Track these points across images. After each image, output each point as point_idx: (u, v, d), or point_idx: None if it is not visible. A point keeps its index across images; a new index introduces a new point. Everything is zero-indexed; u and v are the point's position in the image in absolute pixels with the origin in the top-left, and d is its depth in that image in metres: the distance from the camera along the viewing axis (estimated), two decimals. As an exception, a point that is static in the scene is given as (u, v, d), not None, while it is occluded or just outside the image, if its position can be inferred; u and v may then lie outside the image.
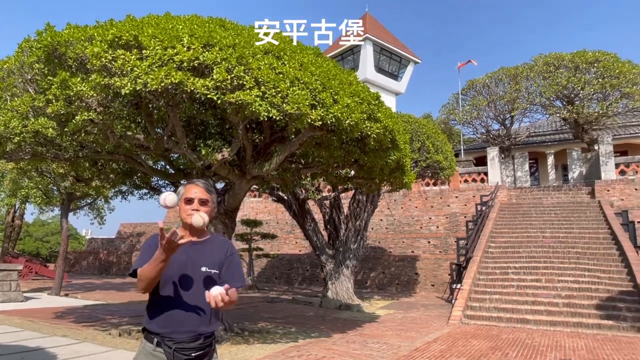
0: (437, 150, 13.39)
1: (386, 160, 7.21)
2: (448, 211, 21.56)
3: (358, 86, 6.35)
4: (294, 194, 14.10)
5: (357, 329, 9.05)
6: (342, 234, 14.19)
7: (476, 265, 12.75)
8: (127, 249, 31.53)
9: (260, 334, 8.13)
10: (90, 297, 14.52)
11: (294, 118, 5.38)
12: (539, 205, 18.54)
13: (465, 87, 27.99)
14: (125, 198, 13.44)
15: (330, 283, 13.80)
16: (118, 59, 5.00)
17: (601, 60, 21.89)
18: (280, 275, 22.96)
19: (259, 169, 7.38)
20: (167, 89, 5.11)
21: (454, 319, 10.29)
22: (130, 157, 8.17)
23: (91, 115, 5.49)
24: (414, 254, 19.99)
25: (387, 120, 6.51)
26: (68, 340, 6.96)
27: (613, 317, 9.56)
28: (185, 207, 2.18)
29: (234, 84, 5.03)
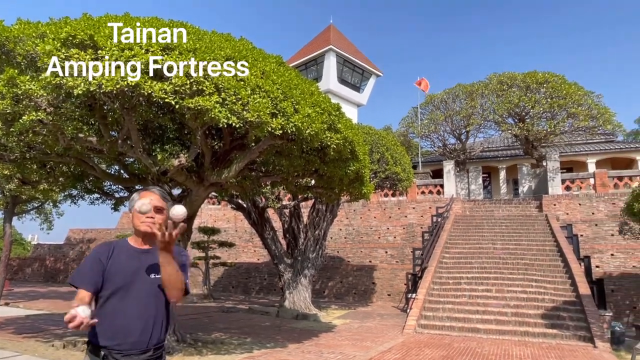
0: (395, 162, 13.67)
1: (345, 171, 7.28)
2: (405, 222, 22.00)
3: (319, 96, 6.41)
4: (254, 202, 13.97)
5: (313, 339, 9.02)
6: (301, 243, 14.17)
7: (431, 275, 13.05)
8: (76, 255, 30.08)
9: (214, 344, 7.95)
10: (34, 306, 13.73)
11: (255, 126, 5.35)
12: (490, 217, 19.26)
13: (424, 102, 28.86)
14: (75, 202, 12.77)
15: (287, 292, 13.71)
16: (72, 58, 4.81)
17: (550, 81, 23.18)
18: (238, 284, 22.60)
19: (217, 176, 7.27)
20: (123, 91, 4.97)
21: (409, 329, 10.46)
22: (82, 160, 7.84)
23: (40, 115, 5.24)
24: (372, 264, 20.22)
25: (347, 131, 6.60)
26: (6, 353, 6.55)
27: (557, 326, 10.02)
28: (139, 214, 2.12)
29: (193, 89, 4.95)
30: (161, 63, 4.81)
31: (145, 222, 2.13)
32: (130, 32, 4.99)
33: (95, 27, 5.04)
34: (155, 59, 4.82)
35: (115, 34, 4.92)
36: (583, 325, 9.89)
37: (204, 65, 4.94)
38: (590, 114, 22.53)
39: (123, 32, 4.95)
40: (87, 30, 4.92)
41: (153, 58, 4.82)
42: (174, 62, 4.82)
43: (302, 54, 32.27)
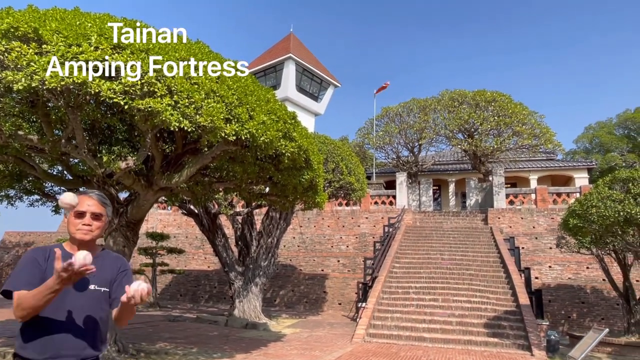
0: (350, 172, 13.85)
1: (300, 179, 7.29)
2: (358, 231, 22.26)
3: (275, 104, 6.39)
4: (206, 208, 13.68)
5: (262, 349, 8.90)
6: (253, 251, 14.01)
7: (381, 284, 13.26)
8: (11, 260, 28.17)
9: (157, 355, 7.66)
10: (-41, 314, 12.69)
11: (208, 131, 5.26)
12: (439, 229, 19.87)
13: (380, 114, 29.48)
14: (12, 204, 12.00)
15: (237, 301, 13.48)
16: (12, 51, 4.54)
17: (498, 100, 24.39)
18: (186, 292, 21.97)
19: (167, 181, 7.06)
20: (68, 89, 4.74)
21: (357, 337, 10.55)
22: (21, 159, 7.38)
23: (-26, 109, 4.90)
24: (324, 273, 20.28)
25: (302, 140, 6.61)
26: None
27: (498, 335, 10.44)
28: (75, 220, 2.02)
29: (144, 90, 4.80)
30: (111, 61, 4.63)
31: (81, 229, 2.02)
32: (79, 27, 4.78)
33: (41, 20, 4.80)
34: (105, 57, 4.64)
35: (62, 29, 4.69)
36: (522, 334, 10.36)
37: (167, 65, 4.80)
38: (533, 132, 23.88)
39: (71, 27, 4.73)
40: (31, 23, 4.67)
41: (102, 56, 4.63)
42: (125, 61, 4.66)
43: (261, 61, 32.17)
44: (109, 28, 4.96)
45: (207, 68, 5.44)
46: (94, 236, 2.04)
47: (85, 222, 2.01)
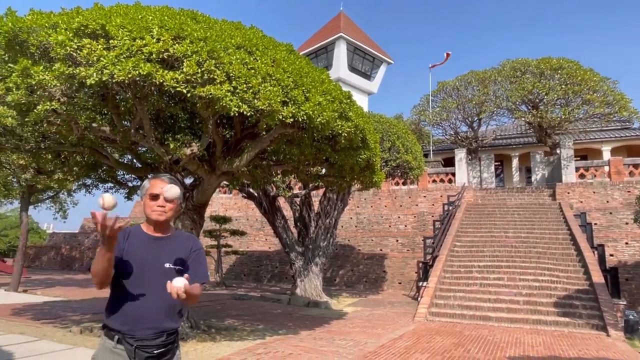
0: (406, 151, 13.60)
1: (356, 159, 7.27)
2: (416, 210, 21.94)
3: (330, 84, 6.37)
4: (265, 191, 14.03)
5: (325, 326, 9.10)
6: (312, 232, 14.23)
7: (442, 263, 13.05)
8: (90, 244, 30.59)
9: (227, 331, 8.06)
10: (51, 293, 14.03)
11: (265, 114, 5.36)
12: (503, 206, 19.11)
13: (436, 89, 28.54)
14: (89, 192, 12.99)
15: (299, 280, 13.81)
16: (84, 48, 4.84)
17: (565, 67, 22.75)
18: (249, 272, 22.82)
19: (229, 165, 7.31)
20: (135, 81, 4.99)
21: (420, 316, 10.50)
22: (96, 150, 7.94)
23: (54, 105, 5.30)
24: (382, 252, 20.25)
25: (358, 119, 6.57)
26: (25, 338, 6.72)
27: (569, 315, 9.97)
28: (150, 203, 2.14)
29: (204, 78, 4.96)
30: (172, 52, 4.82)
31: (156, 210, 2.14)
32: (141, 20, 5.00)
33: (107, 16, 5.06)
34: (167, 48, 4.82)
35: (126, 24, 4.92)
36: (596, 313, 9.83)
37: (215, 53, 4.93)
38: (605, 100, 22.10)
39: (134, 21, 4.96)
40: (98, 20, 4.94)
41: (164, 47, 4.83)
42: (186, 50, 4.83)
43: (312, 42, 32.07)
44: (169, 19, 5.15)
45: (262, 52, 5.51)
46: (168, 217, 2.16)
47: (159, 203, 2.13)
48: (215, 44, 5.07)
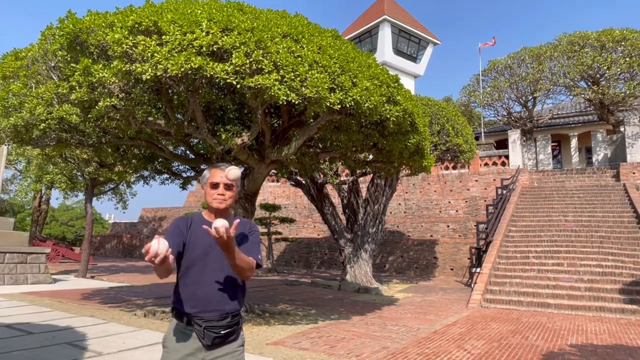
0: (457, 134, 13.21)
1: (405, 144, 7.15)
2: (468, 195, 21.35)
3: (377, 69, 6.28)
4: (313, 178, 14.14)
5: (376, 312, 9.12)
6: (361, 218, 14.22)
7: (496, 249, 12.66)
8: (149, 232, 32.21)
9: (280, 315, 8.27)
10: (115, 279, 14.94)
11: (313, 102, 5.37)
12: (561, 188, 18.21)
13: (487, 69, 27.41)
14: (147, 183, 13.70)
15: (348, 266, 13.89)
16: (138, 45, 5.04)
17: (629, 38, 21.14)
18: (299, 258, 23.20)
19: (277, 154, 7.41)
20: (186, 74, 5.15)
21: (473, 303, 10.28)
22: (152, 143, 8.29)
23: (113, 101, 5.57)
24: (433, 238, 19.92)
25: (406, 103, 6.44)
26: (95, 320, 7.21)
27: (637, 302, 9.40)
28: (210, 191, 2.22)
29: (252, 68, 5.03)
30: (221, 44, 4.92)
31: (216, 198, 2.21)
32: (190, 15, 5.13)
33: (158, 13, 5.23)
34: (216, 40, 4.93)
35: (177, 19, 5.07)
36: (667, 301, 9.21)
37: (263, 43, 4.98)
38: (677, 71, 20.38)
39: (184, 16, 5.09)
40: (151, 17, 5.12)
41: (213, 40, 4.93)
42: (234, 42, 4.91)
43: (355, 27, 31.65)
44: (217, 12, 5.24)
45: (308, 40, 5.51)
46: (228, 204, 2.23)
47: (219, 192, 2.20)
48: (262, 34, 5.12)
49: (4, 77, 7.03)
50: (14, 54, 7.12)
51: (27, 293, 10.34)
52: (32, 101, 6.36)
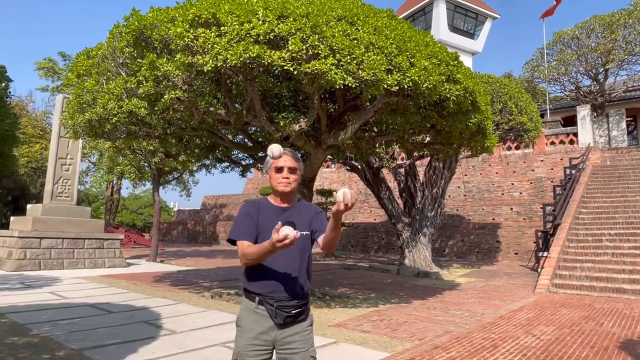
0: (520, 111, 12.55)
1: (466, 124, 6.91)
2: (532, 176, 20.34)
3: (435, 47, 6.08)
4: (368, 162, 14.05)
5: (437, 296, 8.99)
6: (419, 202, 13.98)
7: (565, 232, 12.01)
8: (211, 219, 33.58)
9: (340, 298, 8.37)
10: (183, 263, 15.77)
11: (370, 84, 5.30)
12: (638, 166, 16.85)
13: (552, 41, 25.69)
14: (209, 171, 14.27)
15: (407, 251, 13.75)
16: (199, 37, 5.20)
17: None
18: (356, 243, 23.28)
19: (334, 139, 7.43)
20: (245, 64, 5.26)
21: (541, 288, 9.85)
22: (213, 132, 8.59)
23: (177, 93, 5.81)
24: (495, 222, 19.22)
25: (467, 81, 6.20)
26: (168, 301, 7.67)
27: None
28: (275, 175, 2.28)
29: (309, 54, 5.04)
30: (278, 32, 4.97)
31: (281, 182, 2.27)
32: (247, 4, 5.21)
33: (217, 4, 5.35)
34: (272, 28, 4.98)
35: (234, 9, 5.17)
36: None
37: (318, 28, 4.98)
38: None
39: (241, 6, 5.18)
40: (209, 9, 5.25)
41: (270, 28, 4.99)
42: (290, 29, 4.94)
43: (408, 6, 30.75)
44: (272, 0, 5.29)
45: (363, 21, 5.43)
46: (292, 188, 2.28)
47: (283, 175, 2.26)
48: (317, 18, 5.10)
49: (78, 76, 7.55)
50: (85, 53, 7.60)
51: (105, 276, 11.18)
52: (104, 97, 6.78)
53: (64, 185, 13.87)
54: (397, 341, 5.31)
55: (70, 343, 4.78)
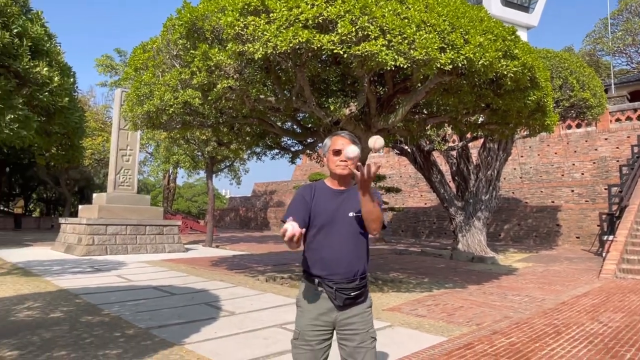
0: (582, 87, 11.79)
1: (524, 102, 6.58)
2: (595, 155, 19.16)
3: (490, 22, 5.80)
4: (418, 145, 13.77)
5: (494, 281, 8.74)
6: (472, 185, 13.57)
7: (633, 214, 11.26)
8: (262, 205, 34.34)
9: (393, 283, 8.34)
10: (236, 248, 16.28)
11: (422, 64, 5.16)
12: None
13: (616, 10, 23.83)
14: (259, 159, 14.53)
15: (460, 235, 13.44)
16: (249, 25, 5.25)
17: None
18: (407, 228, 23.02)
19: (384, 122, 7.32)
20: (294, 49, 5.26)
21: (607, 273, 9.33)
22: (263, 120, 8.71)
23: (230, 82, 5.92)
24: (555, 204, 18.33)
25: (525, 57, 5.89)
26: (225, 284, 7.96)
27: None
28: (333, 158, 2.27)
29: (358, 36, 4.97)
30: (326, 15, 4.92)
31: (339, 165, 2.26)
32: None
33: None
34: (321, 12, 4.94)
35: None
36: None
37: (367, 9, 4.88)
38: None
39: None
40: (258, -4, 5.28)
41: (319, 12, 4.95)
42: (338, 11, 4.88)
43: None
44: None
45: (414, 0, 5.26)
46: (350, 171, 2.27)
47: (341, 158, 2.25)
48: (366, -2, 5.00)
49: (135, 69, 7.87)
50: (141, 47, 7.90)
51: (165, 260, 11.76)
52: (160, 88, 7.03)
53: (125, 174, 14.64)
54: (454, 326, 5.23)
55: (138, 322, 5.08)
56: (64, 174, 27.16)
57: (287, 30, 5.00)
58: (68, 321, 5.09)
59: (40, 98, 4.43)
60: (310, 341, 2.18)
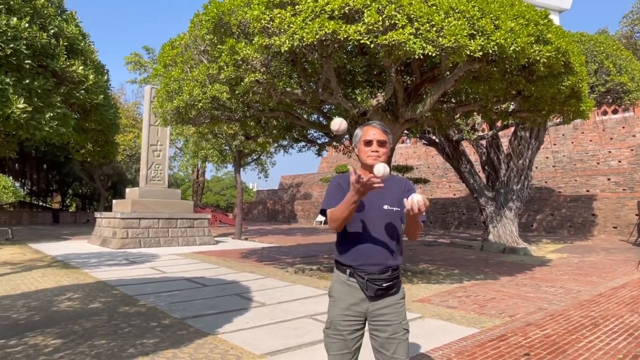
0: (619, 71, 11.32)
1: (558, 88, 6.37)
2: (633, 142, 18.41)
3: (521, 6, 5.62)
4: (447, 135, 13.55)
5: (527, 273, 8.56)
6: (503, 175, 13.28)
7: (675, 203, 10.78)
8: (289, 198, 34.58)
9: (422, 274, 8.27)
10: (265, 240, 16.47)
11: (451, 52, 5.06)
12: None
13: (656, -12, 22.71)
14: (286, 151, 14.64)
15: (491, 226, 13.19)
16: (275, 18, 5.26)
17: None
18: (435, 219, 22.75)
19: (412, 112, 7.23)
20: (321, 41, 5.24)
21: (647, 264, 8.99)
22: (289, 113, 8.74)
23: (257, 76, 5.97)
24: (590, 193, 17.74)
25: (559, 41, 5.69)
26: (255, 276, 8.07)
27: None
28: (364, 148, 2.26)
29: (385, 25, 4.90)
30: (353, 5, 4.88)
31: (370, 155, 2.25)
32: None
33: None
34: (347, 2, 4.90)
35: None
36: None
37: None
38: None
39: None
40: (284, -11, 5.28)
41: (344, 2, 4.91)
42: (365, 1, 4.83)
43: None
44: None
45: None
46: (382, 161, 2.25)
47: (373, 149, 2.24)
48: (392, -14, 4.93)
49: (164, 66, 8.02)
50: (170, 43, 8.03)
51: (196, 252, 12.01)
52: (189, 84, 7.15)
53: (156, 169, 14.99)
54: (486, 317, 5.15)
55: (173, 313, 5.22)
56: (98, 170, 28.06)
57: (313, 22, 4.99)
58: (106, 311, 5.28)
59: (77, 96, 4.58)
60: (342, 331, 2.19)
